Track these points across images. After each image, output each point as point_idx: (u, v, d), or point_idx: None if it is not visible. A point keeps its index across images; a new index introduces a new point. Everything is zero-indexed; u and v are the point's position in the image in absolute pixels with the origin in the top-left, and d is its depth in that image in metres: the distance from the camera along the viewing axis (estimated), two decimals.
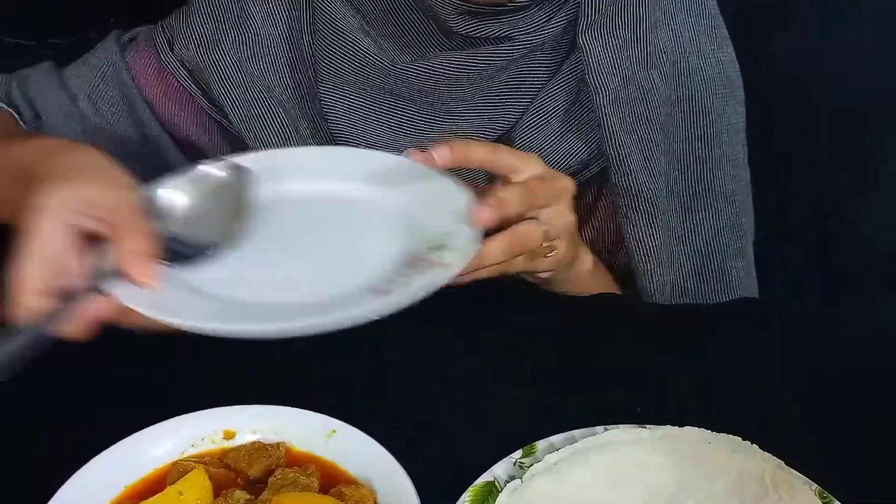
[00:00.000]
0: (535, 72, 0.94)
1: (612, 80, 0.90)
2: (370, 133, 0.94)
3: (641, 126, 0.92)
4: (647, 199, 0.93)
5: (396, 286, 0.67)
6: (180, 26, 0.98)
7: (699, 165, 0.97)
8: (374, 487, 0.62)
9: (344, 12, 0.93)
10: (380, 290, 0.67)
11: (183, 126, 1.01)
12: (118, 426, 0.65)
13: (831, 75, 1.10)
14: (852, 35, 1.10)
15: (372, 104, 0.94)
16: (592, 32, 0.90)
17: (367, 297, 0.66)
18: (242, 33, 0.96)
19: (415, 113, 0.94)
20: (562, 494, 0.67)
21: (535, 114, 0.94)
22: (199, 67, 0.97)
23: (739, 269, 0.99)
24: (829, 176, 1.13)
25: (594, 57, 0.90)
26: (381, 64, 0.92)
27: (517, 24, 0.90)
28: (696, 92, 0.95)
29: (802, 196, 1.09)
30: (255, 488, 0.64)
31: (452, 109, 0.94)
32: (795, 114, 1.10)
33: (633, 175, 0.91)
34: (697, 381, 0.81)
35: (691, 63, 0.95)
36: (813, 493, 0.66)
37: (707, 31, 0.97)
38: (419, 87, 0.92)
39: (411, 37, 0.92)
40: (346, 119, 0.94)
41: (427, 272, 0.68)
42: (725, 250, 0.99)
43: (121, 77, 0.99)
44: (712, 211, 0.98)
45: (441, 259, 0.69)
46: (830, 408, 0.78)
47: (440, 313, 0.73)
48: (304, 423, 0.66)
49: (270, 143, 0.95)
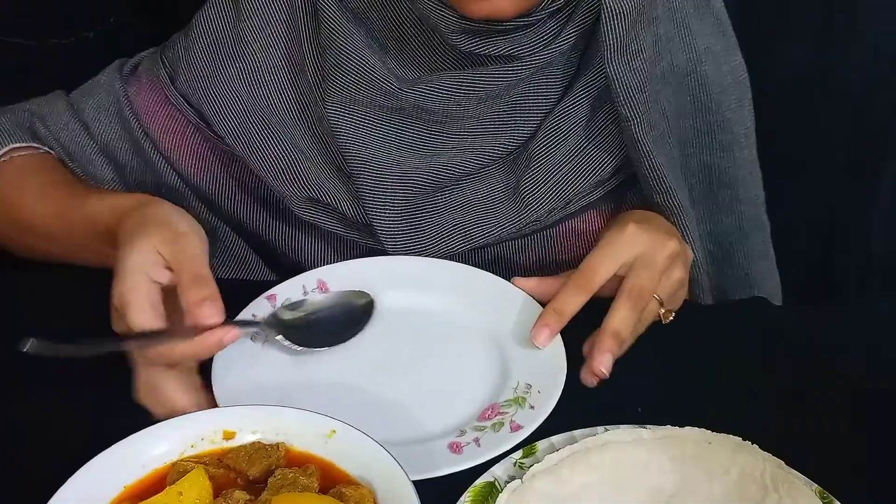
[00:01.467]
0: (545, 89, 0.92)
1: (643, 104, 0.88)
2: (379, 152, 0.92)
3: (665, 144, 0.92)
4: (687, 213, 0.92)
5: (470, 440, 0.73)
6: (180, 60, 0.97)
7: (720, 172, 0.97)
8: (373, 488, 0.62)
9: (350, 31, 0.91)
10: (454, 444, 0.72)
11: (185, 162, 0.98)
12: (118, 426, 0.64)
13: (834, 81, 1.11)
14: (854, 41, 1.10)
15: (380, 123, 0.92)
16: (619, 59, 0.87)
17: (440, 450, 0.72)
18: (240, 64, 0.95)
19: (423, 131, 0.92)
20: (562, 495, 0.67)
21: (552, 131, 0.92)
22: (200, 102, 0.96)
23: (762, 270, 1.00)
24: (832, 180, 1.13)
25: (623, 85, 0.87)
26: (388, 82, 0.90)
27: (520, 42, 0.88)
28: (711, 100, 0.95)
29: (806, 199, 1.10)
30: (255, 488, 0.63)
31: (461, 128, 0.92)
32: (798, 119, 1.10)
33: (673, 191, 0.91)
34: (697, 381, 0.81)
35: (705, 71, 0.95)
36: (813, 493, 0.66)
37: (717, 35, 0.96)
38: (426, 106, 0.90)
39: (418, 55, 0.91)
40: (354, 138, 0.92)
41: (500, 431, 0.73)
42: (749, 252, 0.99)
43: (123, 114, 0.98)
44: (736, 214, 0.98)
45: (517, 418, 0.74)
46: (830, 408, 0.78)
47: None
48: (304, 423, 0.66)
49: (276, 171, 0.94)
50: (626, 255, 0.82)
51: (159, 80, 0.98)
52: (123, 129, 0.98)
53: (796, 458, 0.68)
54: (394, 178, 0.91)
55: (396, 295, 0.87)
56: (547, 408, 0.74)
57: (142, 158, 0.98)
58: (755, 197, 1.00)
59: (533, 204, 0.92)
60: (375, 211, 0.91)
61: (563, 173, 0.92)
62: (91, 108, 0.98)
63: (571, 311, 0.80)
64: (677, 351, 0.84)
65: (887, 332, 0.87)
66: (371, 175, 0.91)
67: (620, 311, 0.79)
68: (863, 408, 0.77)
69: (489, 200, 0.93)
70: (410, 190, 0.92)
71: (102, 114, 0.98)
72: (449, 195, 0.94)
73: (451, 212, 0.93)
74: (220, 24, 0.96)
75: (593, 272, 0.81)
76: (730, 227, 0.99)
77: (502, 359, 0.81)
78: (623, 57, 0.87)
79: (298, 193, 0.93)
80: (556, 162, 0.92)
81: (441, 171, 0.92)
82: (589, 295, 0.81)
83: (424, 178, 0.92)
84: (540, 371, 0.78)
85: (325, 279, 0.87)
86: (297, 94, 0.95)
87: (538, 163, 0.92)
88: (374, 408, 0.77)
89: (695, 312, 0.91)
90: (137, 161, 0.98)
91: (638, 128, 0.88)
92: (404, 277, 0.88)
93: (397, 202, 0.92)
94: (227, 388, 0.75)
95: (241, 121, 0.95)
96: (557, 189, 0.92)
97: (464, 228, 0.93)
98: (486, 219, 0.93)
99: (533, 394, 0.76)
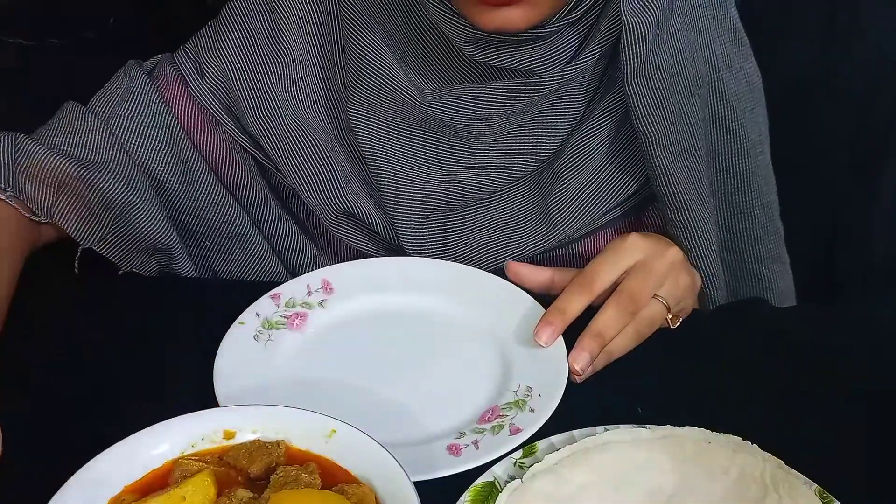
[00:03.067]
0: (568, 106, 0.92)
1: (661, 121, 0.88)
2: (403, 165, 0.92)
3: (690, 157, 0.91)
4: (702, 229, 0.92)
5: (469, 442, 0.72)
6: (208, 54, 0.96)
7: (735, 179, 0.97)
8: (374, 487, 0.62)
9: (375, 43, 0.91)
10: (453, 446, 0.72)
11: (210, 156, 0.98)
12: (119, 426, 0.64)
13: (837, 80, 1.11)
14: (857, 40, 1.10)
15: (403, 137, 0.92)
16: (637, 79, 0.87)
17: (439, 452, 0.71)
18: (278, 62, 0.94)
19: (445, 146, 0.92)
20: (562, 495, 0.67)
21: (579, 149, 0.92)
22: (230, 97, 0.95)
23: (775, 272, 1.00)
24: (834, 179, 1.13)
25: (640, 102, 0.87)
26: (408, 93, 0.90)
27: (536, 54, 0.87)
28: (728, 107, 0.95)
29: (808, 198, 1.10)
30: (256, 486, 0.63)
31: (484, 144, 0.92)
32: (801, 118, 1.10)
33: (689, 208, 0.91)
34: (697, 381, 0.81)
35: (723, 79, 0.95)
36: (813, 493, 0.66)
37: (733, 42, 0.96)
38: (448, 121, 0.90)
39: (437, 65, 0.91)
40: (378, 151, 0.92)
41: (499, 434, 0.73)
42: (763, 257, 0.99)
43: (154, 108, 0.96)
44: (751, 221, 0.98)
45: (517, 421, 0.74)
46: (831, 408, 0.78)
47: None
48: (304, 423, 0.66)
49: (306, 175, 0.94)
50: (628, 261, 0.83)
51: (181, 76, 0.96)
52: (156, 126, 0.96)
53: (796, 458, 0.68)
54: (418, 192, 0.92)
55: (399, 295, 0.87)
56: (547, 411, 0.74)
57: (178, 156, 0.97)
58: (769, 202, 1.00)
59: (562, 224, 0.92)
60: (402, 226, 0.92)
61: (590, 192, 0.92)
62: (125, 116, 0.95)
63: (574, 312, 0.80)
64: (677, 351, 0.84)
65: (888, 334, 0.87)
66: (395, 189, 0.91)
67: (606, 311, 0.80)
68: (863, 408, 0.77)
69: (516, 219, 0.94)
70: (435, 206, 0.92)
71: (137, 119, 0.95)
72: (475, 214, 0.94)
73: (478, 231, 0.93)
74: (254, 17, 0.95)
75: (595, 275, 0.82)
76: (744, 232, 0.99)
77: (504, 361, 0.81)
78: (642, 75, 0.87)
79: (333, 207, 0.93)
80: (583, 181, 0.92)
81: (466, 188, 0.92)
82: (591, 297, 0.81)
83: (449, 194, 0.92)
84: (541, 374, 0.78)
85: (330, 279, 0.87)
86: (328, 97, 0.94)
87: (566, 182, 0.92)
88: (375, 408, 0.77)
89: (695, 313, 0.91)
90: (176, 161, 0.97)
91: (655, 145, 0.88)
92: (407, 278, 0.88)
93: (423, 219, 0.92)
94: (228, 387, 0.75)
95: (276, 121, 0.94)
96: (585, 208, 0.93)
97: (491, 247, 0.93)
98: (513, 238, 0.93)
99: (533, 397, 0.76)
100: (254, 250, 1.00)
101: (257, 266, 1.00)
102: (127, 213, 0.93)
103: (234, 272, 1.00)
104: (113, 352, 0.83)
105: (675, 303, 0.85)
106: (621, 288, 0.82)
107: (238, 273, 1.00)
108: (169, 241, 0.95)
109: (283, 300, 0.85)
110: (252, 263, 1.00)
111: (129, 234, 0.93)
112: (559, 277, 0.85)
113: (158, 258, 0.97)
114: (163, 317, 0.88)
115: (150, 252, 0.96)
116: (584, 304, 0.81)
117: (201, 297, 0.93)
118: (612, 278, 0.83)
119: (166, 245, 0.95)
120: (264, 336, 0.82)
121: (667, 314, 0.84)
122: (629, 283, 0.82)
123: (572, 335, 0.80)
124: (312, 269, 0.92)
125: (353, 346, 0.83)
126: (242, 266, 1.00)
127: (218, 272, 1.01)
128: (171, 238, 0.95)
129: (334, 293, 0.87)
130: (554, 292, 0.84)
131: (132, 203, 0.93)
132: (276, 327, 0.83)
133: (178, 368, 0.81)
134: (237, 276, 1.00)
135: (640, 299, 0.81)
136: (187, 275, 0.98)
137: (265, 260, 1.00)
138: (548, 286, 0.86)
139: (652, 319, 0.83)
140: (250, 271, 1.00)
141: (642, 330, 0.82)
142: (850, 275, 1.15)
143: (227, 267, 1.00)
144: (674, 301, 0.85)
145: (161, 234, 0.94)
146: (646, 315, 0.82)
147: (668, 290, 0.84)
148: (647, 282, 0.82)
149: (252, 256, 1.00)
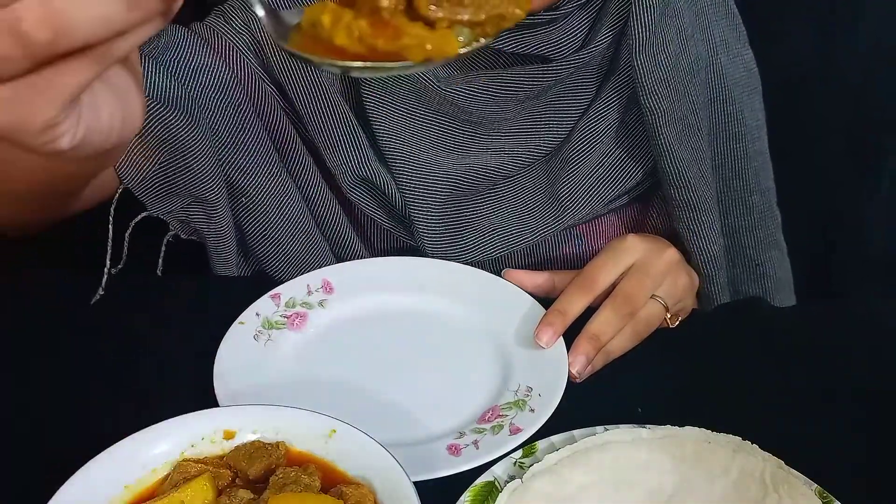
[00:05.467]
0: (580, 90, 0.93)
1: (666, 98, 0.89)
2: (417, 148, 0.92)
3: (693, 136, 0.92)
4: (705, 208, 0.93)
5: (469, 442, 0.72)
6: (233, 11, 0.90)
7: (733, 163, 0.98)
8: (373, 487, 0.62)
9: None
10: (453, 446, 0.72)
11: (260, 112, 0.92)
12: (118, 426, 0.64)
13: (835, 71, 1.10)
14: (856, 36, 1.10)
15: (417, 120, 0.92)
16: (645, 53, 0.88)
17: (439, 452, 0.71)
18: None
19: (460, 131, 0.93)
20: (562, 495, 0.67)
21: (587, 134, 0.93)
22: (256, 43, 0.90)
23: (774, 259, 1.01)
24: (833, 177, 1.13)
25: (648, 78, 0.89)
26: (425, 81, 0.89)
27: (549, 38, 0.88)
28: (726, 91, 0.96)
29: (805, 190, 1.10)
30: (256, 488, 0.63)
31: (498, 130, 0.93)
32: (798, 109, 1.10)
33: (692, 186, 0.91)
34: (697, 381, 0.81)
35: (721, 62, 0.95)
36: (813, 493, 0.66)
37: (731, 27, 0.97)
38: (464, 106, 0.90)
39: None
40: (393, 136, 0.91)
41: (499, 433, 0.73)
42: (760, 242, 0.99)
43: (202, 52, 0.90)
44: (748, 206, 0.99)
45: (517, 421, 0.74)
46: (831, 408, 0.78)
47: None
48: (304, 423, 0.66)
49: (329, 134, 0.91)
50: (626, 261, 0.84)
51: (218, 32, 0.90)
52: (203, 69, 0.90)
53: (796, 458, 0.68)
54: (431, 175, 0.91)
55: (399, 295, 0.87)
56: (547, 411, 0.74)
57: (231, 103, 0.91)
58: (767, 189, 1.00)
59: (571, 207, 0.93)
60: (416, 207, 0.91)
61: (597, 177, 0.93)
62: (174, 60, 0.89)
63: (575, 313, 0.81)
64: (677, 351, 0.84)
65: (888, 333, 0.87)
66: (410, 171, 0.91)
67: (602, 313, 0.81)
68: (863, 408, 0.77)
69: (527, 204, 0.94)
70: (448, 190, 0.92)
71: (188, 61, 0.89)
72: (486, 199, 0.94)
73: (489, 217, 0.94)
74: None
75: (595, 275, 0.82)
76: (742, 218, 1.00)
77: (504, 361, 0.81)
78: (650, 50, 0.88)
79: (354, 170, 0.91)
80: (591, 165, 0.93)
81: (478, 173, 0.92)
82: (591, 297, 0.81)
83: (463, 178, 0.92)
84: (541, 374, 0.78)
85: (330, 279, 0.87)
86: (344, 84, 0.92)
87: (574, 166, 0.93)
88: (375, 408, 0.77)
89: (694, 312, 0.92)
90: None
91: (661, 122, 0.89)
92: (407, 278, 0.88)
93: (436, 203, 0.92)
94: (227, 387, 0.75)
95: (300, 73, 0.90)
96: (593, 192, 0.94)
97: (502, 233, 0.93)
98: (524, 223, 0.94)
99: (533, 397, 0.76)
100: (295, 218, 0.94)
101: (298, 235, 0.94)
102: (185, 151, 0.86)
103: (268, 234, 0.93)
104: (113, 351, 0.83)
105: (674, 303, 0.85)
106: (617, 290, 0.82)
107: (274, 235, 0.93)
108: (217, 191, 0.89)
109: (283, 300, 0.85)
110: (290, 229, 0.94)
111: (178, 174, 0.87)
112: (559, 279, 0.86)
113: (191, 212, 0.90)
114: (162, 316, 0.88)
115: (189, 200, 0.89)
116: (584, 305, 0.81)
117: (201, 296, 0.93)
118: (612, 278, 0.83)
119: (213, 195, 0.89)
120: (264, 336, 0.82)
121: (665, 314, 0.84)
122: (625, 284, 0.82)
123: (572, 335, 0.80)
124: (353, 254, 0.92)
125: (353, 346, 0.83)
126: (280, 231, 0.93)
127: (247, 234, 0.93)
128: (219, 189, 0.89)
129: (334, 293, 0.87)
130: (555, 295, 0.84)
131: (194, 139, 0.86)
132: (276, 327, 0.83)
133: (177, 368, 0.81)
134: (271, 237, 0.93)
135: (637, 300, 0.82)
136: (215, 235, 0.91)
137: (307, 233, 0.94)
138: (548, 289, 0.86)
139: (650, 320, 0.83)
140: (287, 237, 0.93)
141: (640, 330, 0.82)
142: (848, 265, 1.15)
143: (260, 230, 0.93)
144: (672, 301, 0.85)
145: (212, 181, 0.88)
146: (643, 315, 0.82)
147: (666, 291, 0.85)
148: (644, 282, 0.83)
149: (289, 221, 0.94)
